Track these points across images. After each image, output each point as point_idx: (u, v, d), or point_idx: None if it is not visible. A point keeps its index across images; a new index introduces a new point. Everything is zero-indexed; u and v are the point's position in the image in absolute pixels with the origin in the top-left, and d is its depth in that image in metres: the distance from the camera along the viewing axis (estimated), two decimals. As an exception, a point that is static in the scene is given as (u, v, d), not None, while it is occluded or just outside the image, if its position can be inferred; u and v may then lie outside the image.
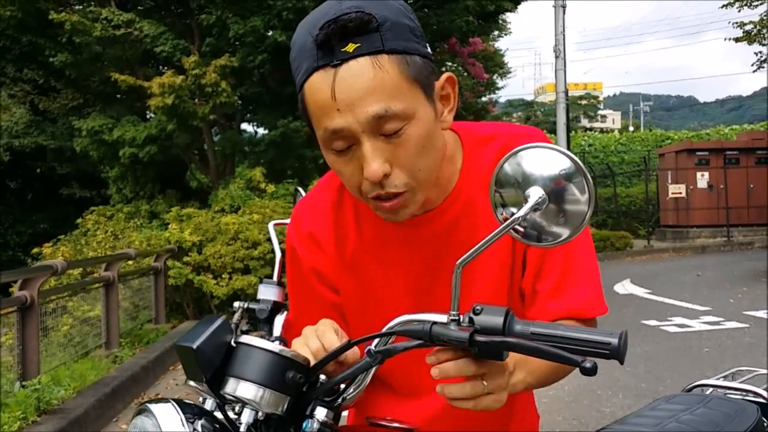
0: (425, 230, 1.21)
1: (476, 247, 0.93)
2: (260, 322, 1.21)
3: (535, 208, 0.93)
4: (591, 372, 0.82)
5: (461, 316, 0.93)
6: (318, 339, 1.07)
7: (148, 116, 12.97)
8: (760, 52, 18.66)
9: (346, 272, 1.26)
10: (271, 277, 1.37)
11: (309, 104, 1.04)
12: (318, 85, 1.01)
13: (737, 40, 18.38)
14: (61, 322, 6.79)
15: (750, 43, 18.18)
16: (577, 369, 0.83)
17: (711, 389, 1.81)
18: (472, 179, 1.20)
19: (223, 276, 9.73)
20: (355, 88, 0.99)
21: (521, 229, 0.96)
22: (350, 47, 0.98)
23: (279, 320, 1.22)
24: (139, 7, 12.95)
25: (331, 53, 0.99)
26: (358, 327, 1.27)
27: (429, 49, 1.07)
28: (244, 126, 14.51)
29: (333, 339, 1.05)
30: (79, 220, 11.99)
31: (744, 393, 1.74)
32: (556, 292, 1.18)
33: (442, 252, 1.21)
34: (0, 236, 17.09)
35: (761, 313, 8.75)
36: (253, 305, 1.23)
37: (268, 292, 1.26)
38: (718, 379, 1.87)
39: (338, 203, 1.26)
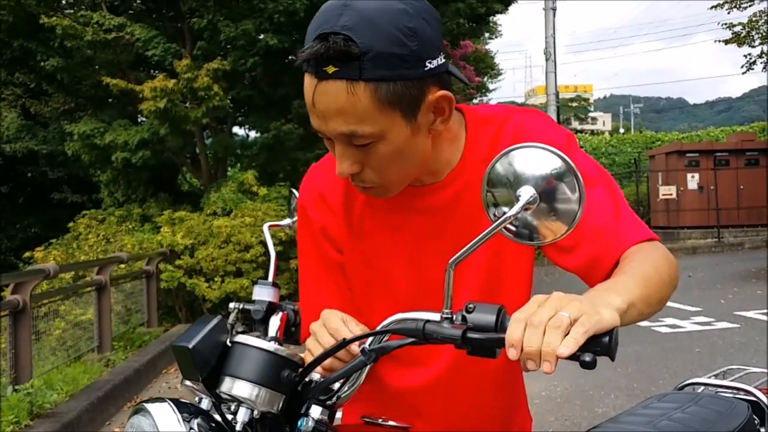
0: (430, 200, 1.25)
1: (468, 246, 0.94)
2: (255, 323, 1.22)
3: (526, 207, 0.94)
4: (590, 365, 0.82)
5: (454, 314, 0.94)
6: (330, 334, 1.10)
7: (140, 120, 12.95)
8: (750, 54, 18.75)
9: (352, 235, 1.31)
10: (265, 278, 1.38)
11: (304, 92, 1.10)
12: (306, 86, 1.08)
13: (727, 42, 18.46)
14: (53, 326, 6.77)
15: (739, 44, 18.25)
16: (575, 365, 0.84)
17: (702, 388, 1.82)
18: (474, 157, 1.24)
19: (216, 279, 9.72)
20: (329, 106, 1.06)
21: (513, 228, 0.98)
22: (330, 69, 1.03)
23: (274, 321, 1.23)
24: (130, 11, 12.94)
25: (315, 66, 1.04)
26: (360, 291, 1.32)
27: (432, 64, 1.08)
28: (236, 129, 14.50)
29: (346, 331, 1.09)
30: (70, 224, 11.95)
31: (735, 391, 1.75)
32: (622, 222, 1.16)
33: (445, 222, 1.25)
34: (-9, 240, 17.02)
35: (752, 314, 8.80)
36: (248, 306, 1.24)
37: (263, 293, 1.27)
38: (709, 377, 1.89)
39: None
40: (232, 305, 1.24)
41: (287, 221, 1.48)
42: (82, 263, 9.07)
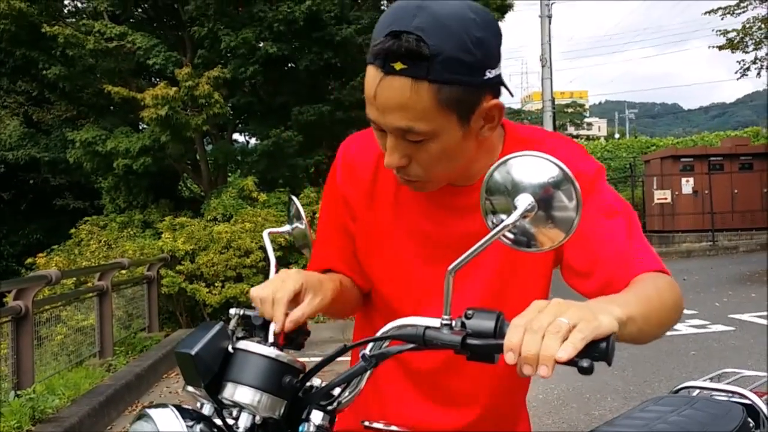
0: (459, 200, 1.29)
1: (467, 253, 0.96)
2: (255, 329, 1.23)
3: (524, 215, 0.96)
4: (588, 371, 0.84)
5: (453, 321, 0.96)
6: (273, 290, 1.14)
7: (141, 127, 12.98)
8: (743, 60, 18.79)
9: (370, 212, 1.36)
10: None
11: (365, 84, 1.14)
12: (369, 79, 1.11)
13: (721, 47, 18.49)
14: (55, 332, 6.79)
15: (733, 50, 18.29)
16: (572, 369, 0.86)
17: (698, 391, 1.84)
18: None
19: (216, 284, 9.73)
20: (390, 100, 1.09)
21: (511, 236, 1.00)
22: (398, 65, 1.06)
23: (274, 327, 1.24)
24: (131, 20, 12.99)
25: (383, 61, 1.07)
26: (369, 270, 1.38)
27: (491, 74, 1.12)
28: (236, 136, 14.54)
29: (287, 291, 1.13)
30: (72, 230, 11.96)
31: (730, 394, 1.77)
32: (636, 253, 1.20)
33: (470, 223, 1.27)
34: (-7, 247, 17.04)
35: (747, 317, 8.80)
36: (248, 312, 1.25)
37: (263, 300, 1.28)
38: (704, 380, 1.90)
39: None
40: (232, 311, 1.25)
41: (287, 228, 1.49)
42: (83, 269, 9.07)
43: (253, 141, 14.27)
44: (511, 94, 1.37)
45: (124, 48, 11.48)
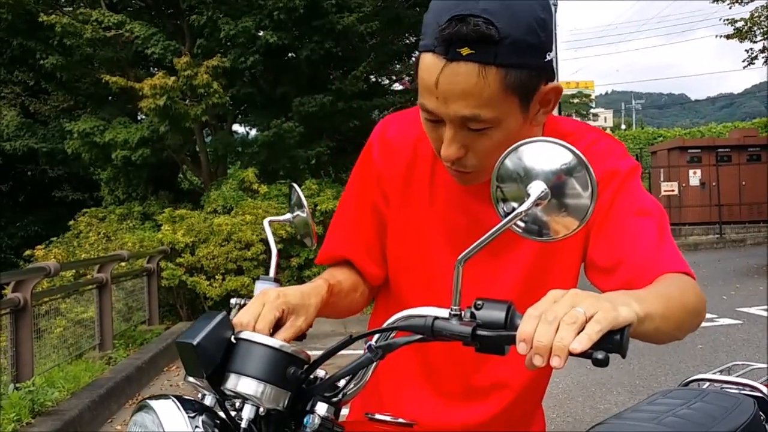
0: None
1: (477, 242, 0.94)
2: (256, 320, 1.21)
3: (537, 203, 0.93)
4: (603, 363, 0.81)
5: (462, 311, 0.93)
6: (253, 316, 1.08)
7: (139, 118, 12.94)
8: (751, 49, 18.72)
9: (404, 196, 1.31)
10: (267, 275, 1.36)
11: (420, 73, 1.10)
12: (428, 67, 1.07)
13: (728, 37, 18.42)
14: (54, 324, 6.77)
15: (741, 40, 18.22)
16: (579, 362, 0.83)
17: (708, 384, 1.81)
18: None
19: (217, 277, 9.72)
20: (455, 87, 1.05)
21: (522, 224, 0.97)
22: (465, 51, 1.02)
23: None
24: (129, 9, 12.95)
25: (447, 47, 1.03)
26: (393, 255, 1.34)
27: (550, 56, 1.10)
28: (236, 127, 14.49)
29: (266, 322, 1.07)
30: (71, 222, 11.94)
31: (741, 387, 1.73)
32: (663, 253, 1.17)
33: (494, 220, 1.23)
34: (-8, 239, 17.02)
35: (754, 310, 8.79)
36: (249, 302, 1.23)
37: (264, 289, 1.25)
38: (714, 373, 1.87)
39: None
40: (233, 301, 1.23)
41: (288, 216, 1.46)
42: (82, 261, 9.05)
43: (253, 132, 14.22)
44: (556, 78, 1.33)
45: (122, 37, 11.43)
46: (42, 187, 17.13)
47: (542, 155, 0.93)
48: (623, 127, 49.48)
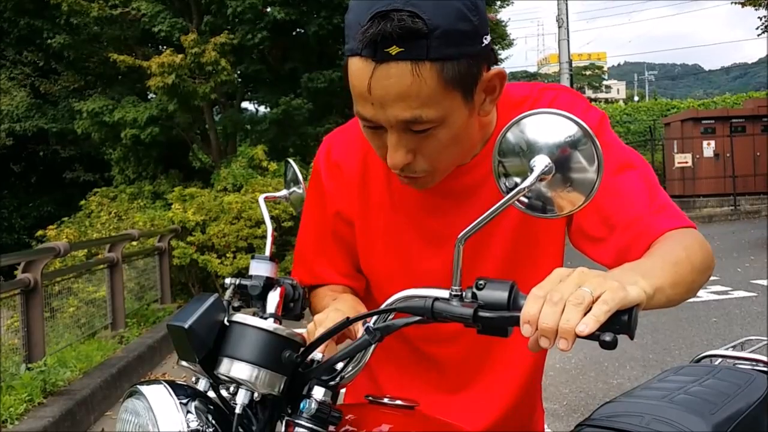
0: (454, 183, 1.18)
1: (478, 220, 0.90)
2: (253, 299, 1.18)
3: (541, 178, 0.89)
4: (611, 345, 0.78)
5: (464, 292, 0.89)
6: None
7: (149, 97, 12.93)
8: (765, 17, 18.40)
9: (367, 211, 1.26)
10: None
11: (350, 80, 1.02)
12: (357, 72, 0.99)
13: (743, 4, 18.10)
14: (66, 304, 6.79)
15: (756, 7, 17.90)
16: (592, 342, 0.79)
17: (720, 360, 1.77)
18: None
19: (228, 255, 9.72)
20: (390, 90, 0.97)
21: (525, 200, 0.93)
22: (393, 49, 0.94)
23: (272, 296, 1.18)
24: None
25: (373, 48, 0.95)
26: (376, 268, 1.29)
27: (486, 40, 1.02)
28: (245, 105, 14.46)
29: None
30: (82, 202, 12.01)
31: (754, 363, 1.70)
32: (656, 210, 1.10)
33: (468, 205, 1.19)
34: (5, 220, 17.14)
35: (769, 282, 8.73)
36: (245, 281, 1.19)
37: (260, 268, 1.22)
38: (726, 349, 1.84)
39: None
40: (228, 281, 1.20)
41: (284, 192, 1.42)
42: (93, 241, 9.08)
43: (262, 109, 14.19)
44: (498, 62, 1.27)
45: (129, 15, 11.39)
46: (54, 167, 17.22)
47: (546, 128, 0.89)
48: (636, 98, 49.04)
